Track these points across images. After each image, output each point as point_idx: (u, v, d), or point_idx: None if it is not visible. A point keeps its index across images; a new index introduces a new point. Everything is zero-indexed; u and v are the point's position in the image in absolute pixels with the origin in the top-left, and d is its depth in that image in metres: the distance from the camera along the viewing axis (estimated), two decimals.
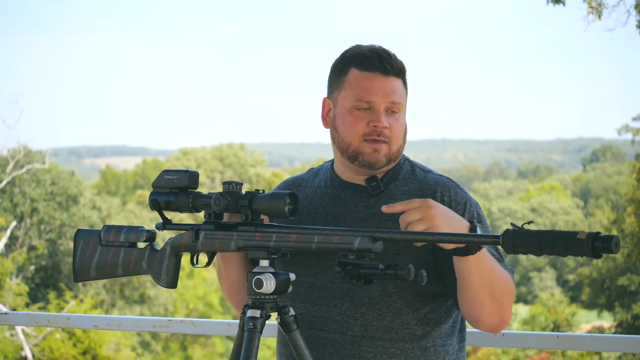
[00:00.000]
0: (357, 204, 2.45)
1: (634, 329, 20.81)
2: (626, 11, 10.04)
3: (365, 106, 2.40)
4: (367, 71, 2.41)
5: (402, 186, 2.46)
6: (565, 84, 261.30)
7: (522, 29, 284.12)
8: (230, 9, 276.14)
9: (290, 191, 2.23)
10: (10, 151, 27.42)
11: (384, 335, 2.40)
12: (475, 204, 2.45)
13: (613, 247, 1.92)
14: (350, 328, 2.41)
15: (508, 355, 22.00)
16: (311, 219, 2.48)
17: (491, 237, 2.06)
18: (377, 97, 2.40)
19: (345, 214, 2.45)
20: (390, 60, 2.41)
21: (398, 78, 2.43)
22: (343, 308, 2.41)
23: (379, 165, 2.42)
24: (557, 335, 3.28)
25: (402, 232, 2.14)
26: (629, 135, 25.44)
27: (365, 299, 2.40)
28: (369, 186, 2.46)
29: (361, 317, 2.40)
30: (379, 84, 2.40)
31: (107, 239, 2.42)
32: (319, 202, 2.51)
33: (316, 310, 2.44)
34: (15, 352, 19.21)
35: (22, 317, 4.15)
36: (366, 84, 2.41)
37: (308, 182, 2.59)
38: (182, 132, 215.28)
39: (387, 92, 2.40)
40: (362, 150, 2.41)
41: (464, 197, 2.44)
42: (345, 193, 2.48)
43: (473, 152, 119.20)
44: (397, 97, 2.41)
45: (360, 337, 2.40)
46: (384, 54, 2.42)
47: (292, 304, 2.47)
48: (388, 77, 2.41)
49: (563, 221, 44.31)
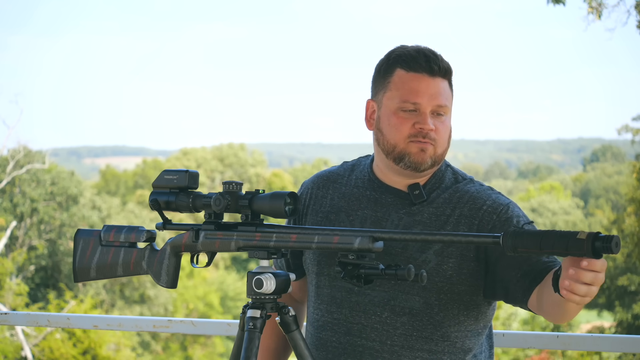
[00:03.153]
0: (399, 210, 2.41)
1: (634, 329, 20.80)
2: (626, 11, 10.05)
3: (411, 107, 2.36)
4: (414, 72, 2.37)
5: (443, 193, 2.42)
6: (565, 84, 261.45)
7: (522, 29, 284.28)
8: (230, 9, 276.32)
9: (290, 191, 2.23)
10: (10, 151, 27.42)
11: (423, 346, 2.37)
12: (517, 215, 2.37)
13: (613, 247, 1.92)
14: (390, 337, 2.38)
15: (508, 355, 22.00)
16: (349, 221, 2.45)
17: (491, 237, 2.05)
18: (423, 99, 2.36)
19: (385, 219, 2.41)
20: (437, 61, 2.37)
21: (444, 79, 2.39)
22: (383, 316, 2.38)
23: (425, 167, 2.37)
24: (557, 335, 3.28)
25: (402, 232, 2.13)
26: (629, 135, 25.46)
27: (407, 309, 2.37)
28: (412, 194, 2.41)
29: (401, 326, 2.37)
30: (425, 85, 2.36)
31: (107, 239, 2.42)
32: (357, 203, 2.46)
33: (354, 316, 2.41)
34: (15, 352, 19.22)
35: (22, 317, 4.15)
36: (412, 85, 2.36)
37: (344, 178, 2.54)
38: (182, 132, 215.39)
39: (433, 94, 2.36)
40: (409, 150, 2.36)
41: (505, 200, 2.39)
42: (386, 197, 2.44)
43: (473, 152, 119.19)
44: (444, 99, 2.37)
45: (399, 346, 2.38)
46: (431, 55, 2.38)
47: (327, 307, 2.45)
48: (435, 78, 2.37)
49: (563, 221, 44.31)
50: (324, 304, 2.46)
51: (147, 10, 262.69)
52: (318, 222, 2.50)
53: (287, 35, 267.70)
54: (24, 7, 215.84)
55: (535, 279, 2.25)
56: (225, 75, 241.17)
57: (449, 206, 2.40)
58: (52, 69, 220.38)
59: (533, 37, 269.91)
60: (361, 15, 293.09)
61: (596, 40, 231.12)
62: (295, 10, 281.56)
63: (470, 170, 74.60)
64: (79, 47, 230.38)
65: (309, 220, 2.52)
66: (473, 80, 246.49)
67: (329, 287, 2.45)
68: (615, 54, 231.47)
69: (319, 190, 2.55)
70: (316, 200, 2.54)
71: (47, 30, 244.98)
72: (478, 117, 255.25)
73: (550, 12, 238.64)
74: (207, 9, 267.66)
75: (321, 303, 2.47)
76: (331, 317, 2.45)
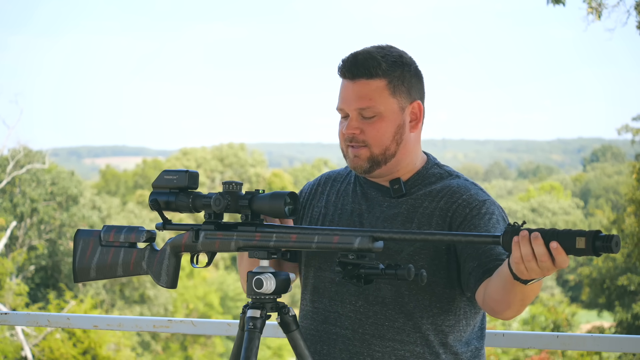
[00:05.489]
0: (382, 204, 2.46)
1: (634, 329, 20.80)
2: (626, 11, 10.04)
3: (342, 114, 2.44)
4: (341, 78, 2.44)
5: (425, 187, 2.45)
6: (565, 84, 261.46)
7: (522, 29, 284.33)
8: (230, 9, 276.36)
9: (290, 191, 2.24)
10: (10, 151, 27.42)
11: (394, 336, 2.39)
12: (491, 212, 2.38)
13: (613, 246, 1.93)
14: (362, 326, 2.41)
15: (508, 355, 21.98)
16: (337, 215, 2.49)
17: (491, 237, 2.06)
18: (344, 104, 2.42)
19: (368, 212, 2.46)
20: (354, 65, 2.40)
21: (372, 80, 2.39)
22: (357, 305, 2.41)
23: (364, 169, 2.42)
24: (557, 335, 3.28)
25: (402, 232, 2.15)
26: (629, 135, 25.45)
27: (380, 299, 2.39)
28: (392, 188, 2.46)
29: (373, 315, 2.40)
30: (345, 90, 2.43)
31: (107, 239, 2.42)
32: (346, 198, 2.52)
33: (332, 305, 2.45)
34: (15, 352, 19.21)
35: (22, 317, 4.15)
36: (340, 91, 2.44)
37: (342, 177, 2.59)
38: (182, 132, 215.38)
39: (354, 98, 2.40)
40: (348, 155, 2.44)
41: (484, 196, 2.41)
42: (370, 192, 2.49)
43: (473, 152, 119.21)
44: (365, 101, 2.39)
45: (370, 335, 2.40)
46: (351, 59, 2.41)
47: (311, 297, 2.49)
48: (356, 81, 2.40)
49: (563, 221, 44.32)
50: (308, 293, 2.50)
51: (147, 10, 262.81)
52: (314, 216, 2.54)
53: (287, 35, 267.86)
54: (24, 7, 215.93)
55: (490, 271, 2.27)
56: (225, 75, 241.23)
57: (427, 199, 2.43)
58: (52, 69, 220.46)
59: (533, 37, 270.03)
60: (361, 15, 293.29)
61: (596, 41, 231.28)
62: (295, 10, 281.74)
63: (470, 170, 74.64)
64: (79, 47, 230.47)
65: (306, 214, 2.57)
66: (473, 80, 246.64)
67: (314, 277, 2.49)
68: (615, 54, 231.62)
69: (319, 186, 2.60)
70: (314, 195, 2.58)
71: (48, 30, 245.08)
72: (478, 117, 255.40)
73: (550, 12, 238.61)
74: (207, 9, 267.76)
75: (307, 293, 2.51)
76: (312, 307, 2.49)
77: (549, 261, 1.99)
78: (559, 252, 1.98)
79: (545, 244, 1.99)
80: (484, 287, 2.28)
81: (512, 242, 2.02)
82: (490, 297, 2.25)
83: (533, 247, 2.00)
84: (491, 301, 2.25)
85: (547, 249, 1.99)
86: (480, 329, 2.49)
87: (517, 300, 2.18)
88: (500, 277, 2.18)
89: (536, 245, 1.99)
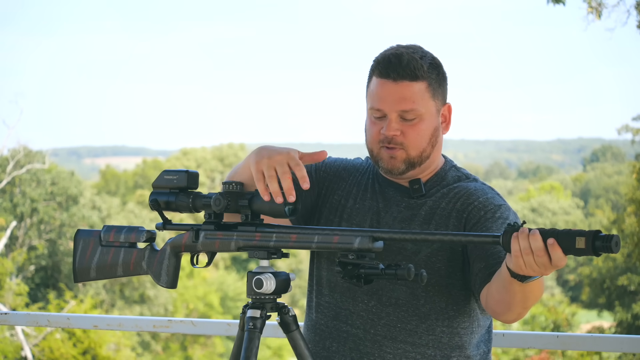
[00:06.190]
0: (399, 204, 2.45)
1: (634, 329, 20.81)
2: (626, 11, 10.06)
3: (377, 114, 2.41)
4: (380, 78, 2.40)
5: (442, 189, 2.45)
6: (565, 84, 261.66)
7: (522, 29, 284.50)
8: (231, 9, 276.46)
9: None
10: (10, 151, 27.44)
11: (406, 338, 2.39)
12: (505, 217, 2.39)
13: (613, 246, 1.93)
14: (374, 326, 2.40)
15: (508, 355, 21.99)
16: (356, 208, 2.49)
17: (491, 237, 2.07)
18: (385, 105, 2.38)
19: (385, 211, 2.45)
20: (399, 67, 2.38)
21: (414, 82, 2.38)
22: (370, 305, 2.41)
23: (398, 171, 2.41)
24: (557, 335, 3.29)
25: (403, 232, 2.15)
26: (629, 135, 25.46)
27: (393, 300, 2.39)
28: (412, 188, 2.45)
29: (386, 316, 2.40)
30: (387, 91, 2.38)
31: (107, 239, 2.42)
32: (365, 193, 2.50)
33: (343, 301, 2.44)
34: (15, 352, 19.22)
35: (22, 317, 4.16)
36: (378, 91, 2.40)
37: (363, 168, 2.57)
38: (182, 132, 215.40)
39: (396, 100, 2.38)
40: (381, 156, 2.41)
41: (500, 201, 2.42)
42: (388, 191, 2.48)
43: (473, 152, 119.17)
44: (409, 104, 2.37)
45: (382, 337, 2.40)
46: (394, 60, 2.38)
47: (321, 289, 2.48)
48: (399, 82, 2.38)
49: (563, 221, 44.33)
50: (319, 286, 2.49)
51: (147, 10, 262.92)
52: (333, 203, 2.51)
53: (287, 35, 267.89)
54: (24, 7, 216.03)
55: (495, 273, 2.27)
56: (224, 75, 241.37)
57: (445, 200, 2.43)
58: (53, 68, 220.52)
59: (533, 38, 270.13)
60: (362, 15, 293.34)
61: (596, 40, 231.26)
62: (295, 10, 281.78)
63: (471, 170, 74.32)
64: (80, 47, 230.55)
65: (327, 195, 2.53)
66: (473, 80, 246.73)
67: (327, 269, 2.48)
68: (615, 54, 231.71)
69: (344, 171, 2.56)
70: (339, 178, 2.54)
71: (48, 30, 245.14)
72: (478, 117, 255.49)
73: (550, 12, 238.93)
74: (207, 9, 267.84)
75: (317, 285, 2.50)
76: (323, 300, 2.48)
77: (545, 257, 2.00)
78: (555, 249, 1.98)
79: (543, 240, 2.00)
80: (487, 288, 2.28)
81: (512, 237, 2.03)
82: (491, 297, 2.25)
83: (530, 242, 2.01)
84: (492, 301, 2.25)
85: (544, 245, 2.00)
86: (487, 332, 2.50)
87: (517, 301, 2.18)
88: (500, 276, 2.18)
89: (533, 240, 2.00)
